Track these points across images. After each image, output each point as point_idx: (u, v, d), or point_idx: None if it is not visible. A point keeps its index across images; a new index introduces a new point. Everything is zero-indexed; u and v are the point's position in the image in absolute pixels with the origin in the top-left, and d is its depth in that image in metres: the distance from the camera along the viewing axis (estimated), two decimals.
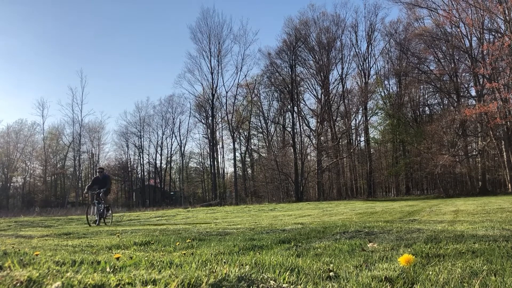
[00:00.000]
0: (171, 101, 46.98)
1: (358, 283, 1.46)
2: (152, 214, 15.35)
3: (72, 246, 3.38)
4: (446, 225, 4.31)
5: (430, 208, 10.46)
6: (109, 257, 2.19)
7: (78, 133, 44.54)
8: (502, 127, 28.22)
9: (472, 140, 33.31)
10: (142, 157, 49.57)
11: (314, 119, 39.47)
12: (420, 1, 32.39)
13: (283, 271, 1.64)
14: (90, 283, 1.32)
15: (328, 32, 37.73)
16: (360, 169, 39.64)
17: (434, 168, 28.50)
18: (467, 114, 27.07)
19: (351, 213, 9.89)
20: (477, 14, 29.47)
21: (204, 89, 41.04)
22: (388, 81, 38.58)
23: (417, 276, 1.57)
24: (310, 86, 39.72)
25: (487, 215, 6.39)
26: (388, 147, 39.48)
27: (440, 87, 33.85)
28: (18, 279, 1.33)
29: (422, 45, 33.87)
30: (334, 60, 38.37)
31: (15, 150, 45.82)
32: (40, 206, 32.33)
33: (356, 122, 39.10)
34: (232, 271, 1.58)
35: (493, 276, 1.55)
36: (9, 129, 45.69)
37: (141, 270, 1.63)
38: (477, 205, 10.38)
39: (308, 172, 36.83)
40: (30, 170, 47.67)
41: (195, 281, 1.39)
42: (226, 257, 2.18)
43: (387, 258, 2.00)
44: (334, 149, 37.18)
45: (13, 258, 1.85)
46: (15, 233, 6.28)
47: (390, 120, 36.67)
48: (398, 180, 37.87)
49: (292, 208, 16.82)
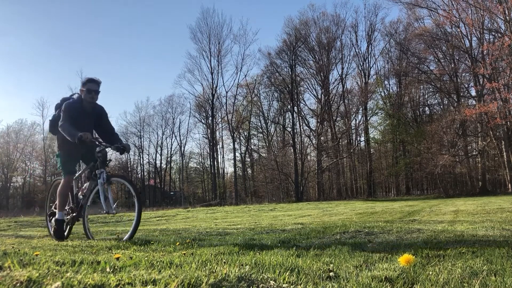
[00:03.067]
0: (171, 101, 47.00)
1: (358, 283, 1.46)
2: (152, 214, 15.35)
3: (72, 246, 3.38)
4: (446, 225, 4.31)
5: (430, 208, 10.46)
6: (109, 257, 2.19)
7: None
8: (502, 127, 28.21)
9: (472, 140, 33.31)
10: (142, 157, 49.59)
11: (314, 119, 39.52)
12: (420, 1, 32.40)
13: (283, 271, 1.64)
14: (90, 283, 1.32)
15: (328, 32, 37.76)
16: (360, 169, 39.63)
17: (434, 168, 28.49)
18: (467, 114, 27.06)
19: (351, 213, 9.89)
20: (477, 14, 29.47)
21: (204, 89, 41.08)
22: (388, 81, 38.64)
23: (417, 276, 1.57)
24: (310, 86, 39.79)
25: (487, 215, 6.39)
26: (388, 147, 39.48)
27: (440, 87, 33.85)
28: (18, 279, 1.33)
29: (422, 45, 33.87)
30: (334, 60, 38.40)
31: (15, 150, 45.83)
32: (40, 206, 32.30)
33: (356, 122, 39.15)
34: (232, 271, 1.58)
35: (493, 276, 1.55)
36: (9, 129, 45.75)
37: (141, 270, 1.63)
38: (477, 205, 10.38)
39: (308, 172, 36.82)
40: (30, 170, 47.72)
41: (195, 281, 1.39)
42: (226, 257, 2.18)
43: (387, 258, 2.00)
44: (334, 149, 37.17)
45: (13, 258, 1.85)
46: (15, 233, 6.29)
47: (390, 120, 36.67)
48: (398, 180, 37.87)
49: (292, 208, 16.82)
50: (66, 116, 3.91)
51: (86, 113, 4.09)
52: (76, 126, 3.84)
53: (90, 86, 4.00)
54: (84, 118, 4.06)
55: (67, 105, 3.97)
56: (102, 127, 4.27)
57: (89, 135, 3.75)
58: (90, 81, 4.01)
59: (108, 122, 4.30)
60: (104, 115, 4.24)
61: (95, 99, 4.07)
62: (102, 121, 4.24)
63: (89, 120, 4.13)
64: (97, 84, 4.05)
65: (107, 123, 4.29)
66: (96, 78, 4.03)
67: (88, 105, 4.06)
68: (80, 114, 4.03)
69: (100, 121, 4.23)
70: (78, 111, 4.01)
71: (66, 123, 3.86)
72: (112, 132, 4.27)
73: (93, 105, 4.10)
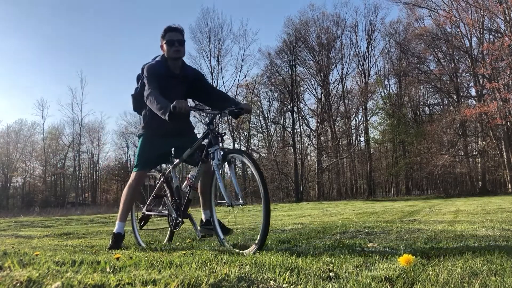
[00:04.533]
0: None
1: (358, 283, 1.46)
2: None
3: (72, 246, 3.38)
4: (446, 225, 4.31)
5: (430, 208, 10.46)
6: (109, 257, 2.19)
7: (78, 133, 44.50)
8: (502, 127, 28.22)
9: (472, 140, 33.32)
10: None
11: (314, 119, 39.50)
12: (420, 1, 32.41)
13: (283, 271, 1.64)
14: (90, 283, 1.32)
15: (328, 32, 37.76)
16: (360, 169, 39.61)
17: (434, 168, 28.49)
18: (467, 114, 27.06)
19: (351, 213, 9.88)
20: (477, 14, 29.48)
21: None
22: (388, 81, 38.61)
23: (417, 276, 1.57)
24: (310, 86, 39.78)
25: (487, 215, 6.38)
26: (388, 147, 39.47)
27: (440, 87, 33.85)
28: (18, 279, 1.34)
29: (422, 45, 33.87)
30: (334, 60, 38.40)
31: (15, 150, 45.81)
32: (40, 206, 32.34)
33: (356, 122, 39.15)
34: (232, 271, 1.58)
35: (493, 276, 1.55)
36: (9, 129, 45.70)
37: (141, 270, 1.63)
38: (477, 205, 10.37)
39: (308, 172, 36.83)
40: (30, 170, 47.68)
41: (195, 281, 1.39)
42: (226, 257, 2.18)
43: (387, 258, 2.00)
44: (334, 149, 37.18)
45: (13, 258, 1.85)
46: (15, 233, 6.28)
47: (390, 120, 36.67)
48: (398, 180, 37.86)
49: (292, 208, 16.81)
50: (152, 81, 2.83)
51: (174, 77, 3.00)
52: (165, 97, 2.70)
53: (171, 35, 2.95)
54: (174, 85, 2.97)
55: (150, 67, 2.93)
56: (203, 92, 3.15)
57: (184, 104, 2.58)
58: (169, 29, 2.98)
59: (209, 85, 3.23)
60: (200, 77, 3.16)
61: (182, 52, 2.97)
62: (201, 84, 3.14)
63: (181, 86, 3.04)
64: (179, 32, 2.99)
65: (208, 86, 3.19)
66: (177, 25, 3.02)
67: (175, 64, 3.00)
68: (167, 80, 2.95)
69: (198, 86, 3.13)
70: (163, 76, 2.93)
71: (155, 90, 2.76)
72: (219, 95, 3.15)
73: (180, 64, 3.03)
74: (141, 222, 3.45)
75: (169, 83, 2.95)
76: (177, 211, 3.07)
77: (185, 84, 3.07)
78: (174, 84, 2.98)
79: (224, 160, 2.72)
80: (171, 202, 3.13)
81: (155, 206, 3.48)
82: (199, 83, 3.13)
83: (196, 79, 3.12)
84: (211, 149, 2.73)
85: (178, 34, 2.98)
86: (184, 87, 3.07)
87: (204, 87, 3.15)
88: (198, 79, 3.13)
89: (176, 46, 2.93)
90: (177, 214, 3.06)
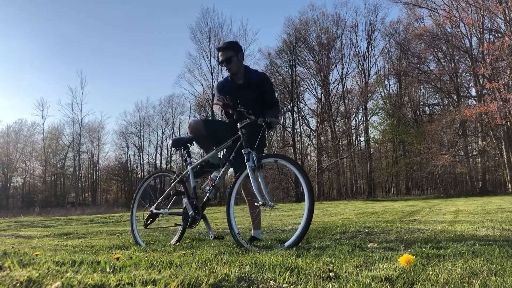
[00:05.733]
0: (171, 101, 46.96)
1: (358, 283, 1.46)
2: None
3: (72, 246, 3.38)
4: (446, 225, 4.31)
5: (430, 208, 10.46)
6: (109, 257, 2.18)
7: (78, 133, 44.52)
8: (502, 127, 28.21)
9: (472, 140, 33.31)
10: (142, 157, 49.55)
11: (314, 119, 39.51)
12: (420, 1, 32.43)
13: (283, 271, 1.64)
14: (90, 283, 1.32)
15: (328, 32, 37.77)
16: (360, 169, 39.62)
17: (434, 168, 28.49)
18: (467, 114, 27.06)
19: (351, 213, 9.89)
20: (477, 14, 29.48)
21: (204, 89, 41.01)
22: (388, 81, 38.63)
23: (417, 276, 1.56)
24: (310, 86, 39.78)
25: (487, 215, 6.39)
26: (388, 147, 39.46)
27: (440, 87, 33.85)
28: (18, 279, 1.33)
29: (422, 45, 33.87)
30: (334, 60, 38.41)
31: (15, 150, 45.82)
32: (40, 206, 32.30)
33: (356, 122, 39.13)
34: (232, 271, 1.58)
35: (493, 276, 1.55)
36: (9, 129, 45.70)
37: (141, 270, 1.63)
38: (477, 205, 10.37)
39: (308, 172, 36.83)
40: (30, 170, 47.70)
41: (195, 281, 1.39)
42: (226, 257, 2.18)
43: (387, 258, 2.00)
44: (334, 149, 37.19)
45: (13, 258, 1.85)
46: (15, 233, 6.28)
47: (390, 120, 36.66)
48: (398, 180, 37.86)
49: (292, 208, 16.82)
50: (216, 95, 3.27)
51: (240, 86, 3.28)
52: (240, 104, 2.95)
53: (220, 56, 3.25)
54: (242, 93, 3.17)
55: (217, 84, 3.39)
56: (261, 95, 3.32)
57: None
58: (217, 50, 3.28)
59: (266, 91, 3.34)
60: (261, 80, 3.33)
61: (232, 69, 3.24)
62: (261, 87, 3.31)
63: (248, 92, 3.24)
64: (225, 49, 3.22)
65: (265, 92, 3.32)
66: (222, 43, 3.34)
67: (237, 76, 3.29)
68: (236, 91, 3.20)
69: (259, 89, 3.30)
70: (231, 88, 3.24)
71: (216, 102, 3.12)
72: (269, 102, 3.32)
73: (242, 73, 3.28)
74: (147, 221, 3.52)
75: (238, 92, 3.18)
76: (194, 209, 3.19)
77: (251, 89, 3.29)
78: (242, 92, 3.20)
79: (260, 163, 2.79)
80: (188, 201, 3.23)
81: (165, 206, 3.57)
82: (260, 87, 3.31)
83: (258, 83, 3.31)
84: (244, 151, 2.84)
85: (225, 52, 3.21)
86: (252, 92, 3.27)
87: (262, 91, 3.31)
88: (259, 82, 3.32)
89: (225, 65, 3.23)
90: (194, 213, 3.18)
